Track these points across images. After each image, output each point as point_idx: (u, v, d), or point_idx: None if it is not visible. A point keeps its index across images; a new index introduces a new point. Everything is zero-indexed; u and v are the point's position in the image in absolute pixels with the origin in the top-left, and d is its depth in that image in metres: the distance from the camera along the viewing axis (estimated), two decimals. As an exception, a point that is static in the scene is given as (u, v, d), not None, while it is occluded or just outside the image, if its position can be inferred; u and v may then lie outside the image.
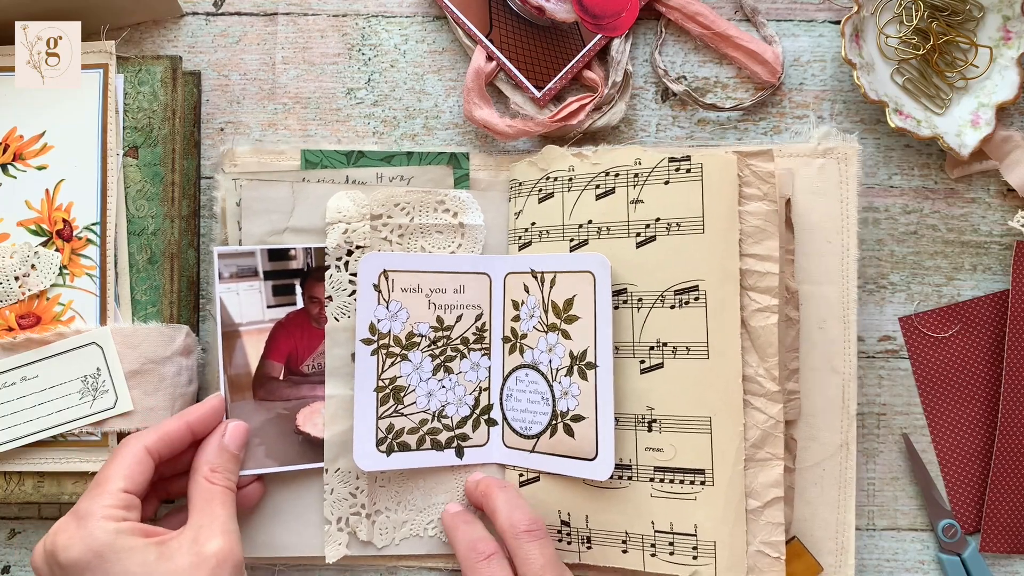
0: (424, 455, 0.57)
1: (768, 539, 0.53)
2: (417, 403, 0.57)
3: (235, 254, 0.56)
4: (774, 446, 0.53)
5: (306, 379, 0.57)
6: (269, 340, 0.56)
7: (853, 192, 0.56)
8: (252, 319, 0.56)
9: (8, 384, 0.55)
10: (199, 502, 0.50)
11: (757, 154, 0.53)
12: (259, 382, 0.56)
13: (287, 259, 0.56)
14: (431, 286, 0.57)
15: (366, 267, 0.56)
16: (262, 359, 0.56)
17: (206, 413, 0.54)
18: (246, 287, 0.56)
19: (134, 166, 0.57)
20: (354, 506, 0.57)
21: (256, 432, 0.55)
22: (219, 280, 0.55)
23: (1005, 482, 0.58)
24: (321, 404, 0.56)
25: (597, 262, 0.55)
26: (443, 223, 0.58)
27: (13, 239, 0.56)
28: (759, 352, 0.53)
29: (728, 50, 0.60)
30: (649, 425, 0.55)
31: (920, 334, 0.60)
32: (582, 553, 0.56)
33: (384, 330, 0.56)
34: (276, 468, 0.55)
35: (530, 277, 0.57)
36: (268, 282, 0.56)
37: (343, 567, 0.59)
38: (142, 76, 0.57)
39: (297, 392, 0.56)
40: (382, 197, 0.57)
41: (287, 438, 0.56)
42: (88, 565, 0.45)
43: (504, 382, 0.58)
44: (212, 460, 0.52)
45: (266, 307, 0.56)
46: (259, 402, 0.56)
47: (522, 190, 0.59)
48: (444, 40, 0.61)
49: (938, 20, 0.58)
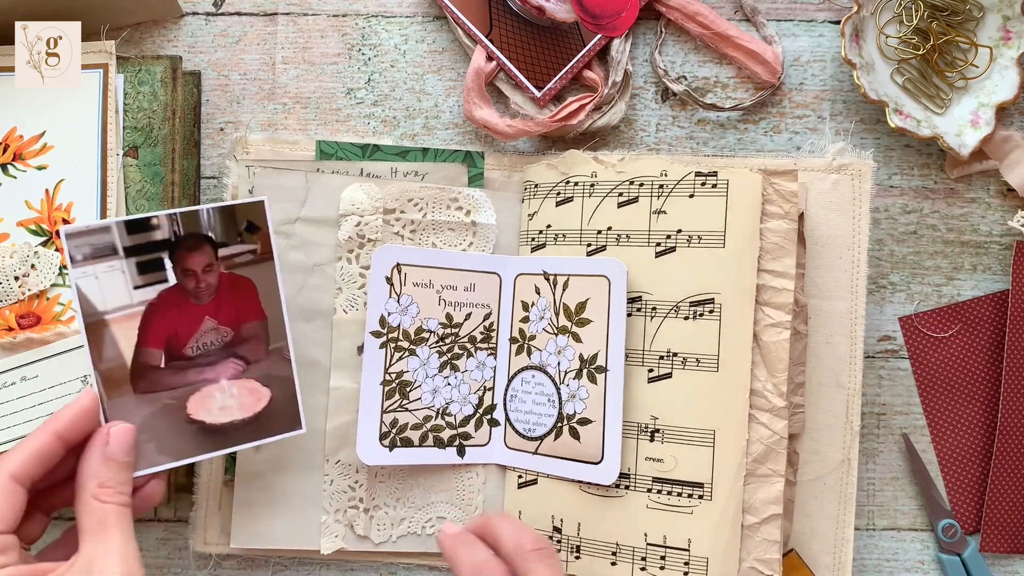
0: (426, 452, 0.57)
1: (763, 556, 0.52)
2: (422, 399, 0.57)
3: (85, 231, 0.48)
4: (776, 462, 0.53)
5: (191, 363, 0.50)
6: (142, 325, 0.49)
7: (866, 209, 0.56)
8: (118, 304, 0.49)
9: (8, 384, 0.55)
10: (90, 526, 0.44)
11: (782, 173, 0.53)
12: (138, 373, 0.49)
13: (149, 229, 0.49)
14: (442, 282, 0.57)
15: (380, 259, 0.56)
16: (137, 347, 0.49)
17: (77, 417, 0.46)
18: (105, 268, 0.48)
19: (134, 166, 0.57)
20: (352, 500, 0.57)
21: (143, 428, 0.49)
22: (72, 264, 0.48)
23: (1005, 482, 0.58)
24: (213, 387, 0.51)
25: (614, 267, 0.55)
26: (455, 221, 0.58)
27: (13, 239, 0.56)
28: (768, 367, 0.53)
29: (728, 50, 0.60)
30: (651, 435, 0.54)
31: (920, 334, 0.60)
32: (570, 563, 0.56)
33: (394, 324, 0.56)
34: (172, 463, 0.50)
35: (542, 279, 0.57)
36: (131, 259, 0.49)
37: (341, 562, 0.59)
38: (142, 76, 0.57)
39: (183, 379, 0.50)
40: (396, 192, 0.57)
41: (179, 429, 0.50)
42: None
43: (509, 383, 0.58)
44: (98, 474, 0.45)
45: (132, 288, 0.49)
46: (140, 395, 0.49)
47: (538, 192, 0.59)
48: (444, 40, 0.61)
49: (938, 20, 0.58)
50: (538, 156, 0.60)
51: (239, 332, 0.52)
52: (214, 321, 0.51)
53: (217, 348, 0.51)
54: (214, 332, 0.51)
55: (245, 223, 0.51)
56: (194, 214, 0.50)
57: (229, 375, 0.51)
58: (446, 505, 0.58)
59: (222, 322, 0.51)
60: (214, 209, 0.50)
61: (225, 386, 0.51)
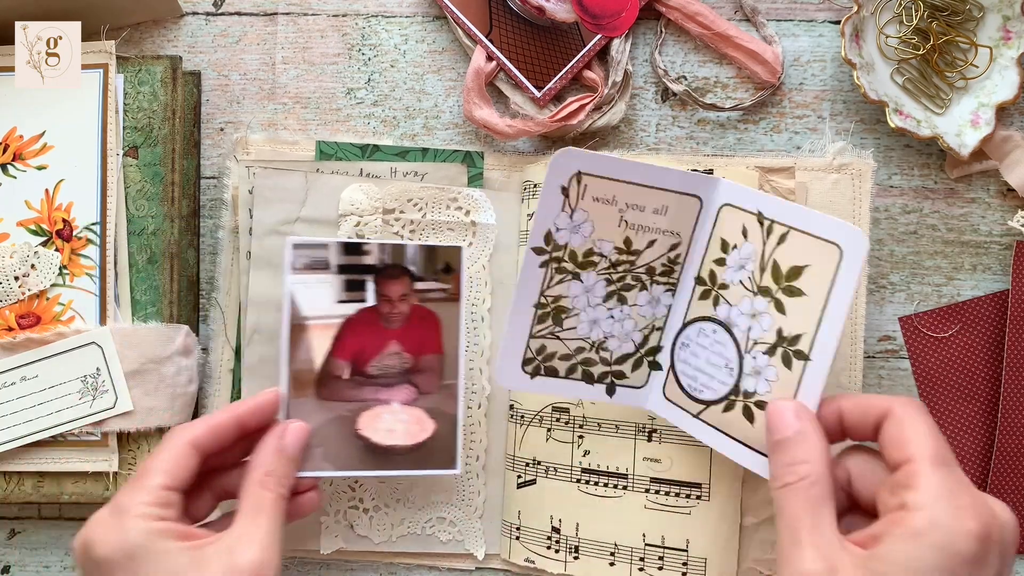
0: (571, 384, 0.52)
1: (761, 557, 0.53)
2: (578, 329, 0.51)
3: (309, 245, 0.53)
4: None
5: (371, 380, 0.54)
6: (337, 336, 0.53)
7: (866, 209, 0.56)
8: (321, 313, 0.53)
9: (8, 384, 0.55)
10: (247, 509, 0.47)
11: (779, 171, 0.53)
12: (323, 380, 0.53)
13: (361, 253, 0.54)
14: (629, 200, 0.50)
15: (558, 165, 0.48)
16: (328, 356, 0.53)
17: (259, 406, 0.50)
18: (317, 280, 0.53)
19: (134, 166, 0.57)
20: (352, 500, 0.57)
21: (315, 433, 0.52)
22: (292, 271, 0.53)
23: (1005, 482, 0.58)
24: (384, 409, 0.54)
25: (852, 236, 0.44)
26: (455, 221, 0.58)
27: (13, 239, 0.56)
28: None
29: (728, 50, 0.60)
30: (649, 435, 0.54)
31: (920, 334, 0.60)
32: (568, 563, 0.56)
33: (561, 242, 0.50)
34: (333, 472, 0.53)
35: (754, 220, 0.48)
36: (340, 276, 0.53)
37: (341, 562, 0.59)
38: (142, 76, 0.57)
39: (360, 394, 0.54)
40: (395, 192, 0.57)
41: (346, 441, 0.53)
42: (119, 565, 0.44)
43: (683, 328, 0.51)
44: (267, 463, 0.48)
45: (336, 302, 0.53)
46: (321, 401, 0.53)
47: (539, 192, 0.58)
48: (444, 40, 0.61)
49: (938, 20, 0.58)
50: (538, 156, 0.60)
51: (418, 361, 0.55)
52: (398, 346, 0.54)
53: (396, 372, 0.54)
54: (396, 356, 0.54)
55: (443, 263, 0.55)
56: (401, 247, 0.54)
57: (402, 399, 0.54)
58: (446, 505, 0.58)
59: (405, 349, 0.54)
60: (419, 246, 0.54)
61: (396, 409, 0.54)
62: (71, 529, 0.60)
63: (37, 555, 0.60)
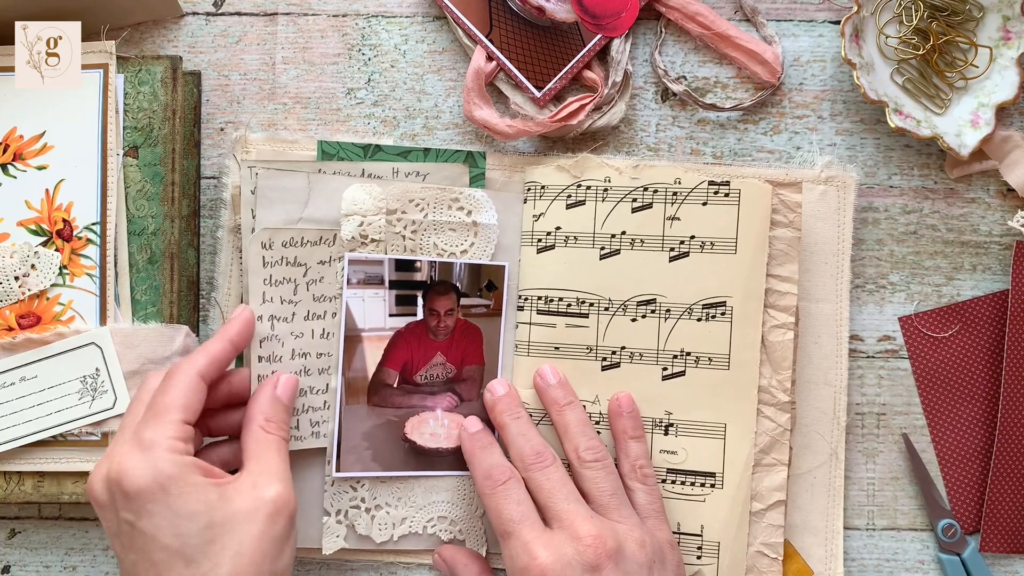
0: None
1: (768, 540, 0.56)
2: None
3: (365, 260, 0.56)
4: (780, 452, 0.56)
5: (418, 389, 0.58)
6: (388, 347, 0.57)
7: (849, 219, 0.59)
8: (374, 325, 0.57)
9: (8, 384, 0.55)
10: (255, 450, 0.49)
11: (787, 185, 0.57)
12: (374, 388, 0.57)
13: (413, 271, 0.57)
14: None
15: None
16: (379, 365, 0.57)
17: (243, 323, 0.53)
18: (371, 294, 0.57)
19: (134, 166, 0.57)
20: (354, 500, 0.57)
21: (367, 436, 0.56)
22: (348, 285, 0.56)
23: (1005, 482, 0.58)
24: (429, 415, 0.57)
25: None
26: (457, 221, 0.58)
27: (13, 239, 0.56)
28: (774, 365, 0.56)
29: (728, 50, 0.60)
30: (666, 429, 0.57)
31: (920, 334, 0.60)
32: None
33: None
34: (380, 472, 0.57)
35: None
36: (392, 291, 0.57)
37: (341, 562, 0.59)
38: (142, 76, 0.57)
39: (408, 401, 0.57)
40: (397, 192, 0.57)
41: (394, 444, 0.57)
42: (152, 496, 0.45)
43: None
44: (266, 410, 0.51)
45: (388, 315, 0.57)
46: (372, 407, 0.57)
47: (545, 193, 0.59)
48: (444, 40, 0.61)
49: (938, 20, 0.58)
50: (540, 157, 0.60)
51: (461, 372, 0.58)
52: (443, 357, 0.58)
53: (440, 381, 0.58)
54: (441, 367, 0.58)
55: (487, 281, 0.58)
56: (449, 265, 0.58)
57: (445, 406, 0.58)
58: (447, 505, 0.58)
59: (450, 360, 0.58)
60: (465, 265, 0.58)
61: (440, 415, 0.58)
62: (71, 529, 0.60)
63: (37, 555, 0.60)
